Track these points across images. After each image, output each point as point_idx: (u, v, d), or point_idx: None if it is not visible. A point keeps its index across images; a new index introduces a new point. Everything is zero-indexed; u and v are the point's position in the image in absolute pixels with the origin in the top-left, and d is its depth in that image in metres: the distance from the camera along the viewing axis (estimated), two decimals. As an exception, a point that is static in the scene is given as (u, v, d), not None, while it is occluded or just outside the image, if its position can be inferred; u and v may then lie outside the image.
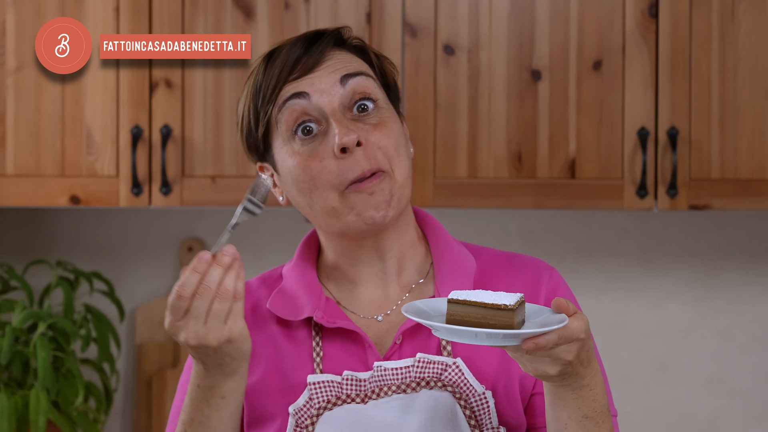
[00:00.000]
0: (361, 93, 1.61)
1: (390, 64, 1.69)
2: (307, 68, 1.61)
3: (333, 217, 1.60)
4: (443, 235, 1.70)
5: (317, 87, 1.60)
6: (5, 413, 2.55)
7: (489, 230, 2.98)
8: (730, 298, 2.95)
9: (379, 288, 1.67)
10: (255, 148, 1.68)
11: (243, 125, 1.67)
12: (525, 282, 1.67)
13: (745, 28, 2.59)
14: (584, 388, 1.48)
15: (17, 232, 3.05)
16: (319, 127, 1.60)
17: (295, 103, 1.60)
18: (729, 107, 2.59)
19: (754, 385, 2.95)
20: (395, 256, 1.66)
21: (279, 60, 1.62)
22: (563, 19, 2.61)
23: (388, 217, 1.59)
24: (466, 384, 1.59)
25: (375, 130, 1.60)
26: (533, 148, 2.61)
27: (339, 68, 1.61)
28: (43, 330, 2.66)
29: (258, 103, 1.63)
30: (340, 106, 1.60)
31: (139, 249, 3.03)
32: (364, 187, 1.58)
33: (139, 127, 2.63)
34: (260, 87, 1.63)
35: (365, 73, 1.63)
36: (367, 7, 2.61)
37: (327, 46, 1.63)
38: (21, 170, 2.66)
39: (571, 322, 1.41)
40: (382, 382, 1.59)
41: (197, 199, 2.64)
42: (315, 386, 1.59)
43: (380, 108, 1.62)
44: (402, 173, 1.60)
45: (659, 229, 2.96)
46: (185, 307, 1.44)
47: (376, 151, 1.58)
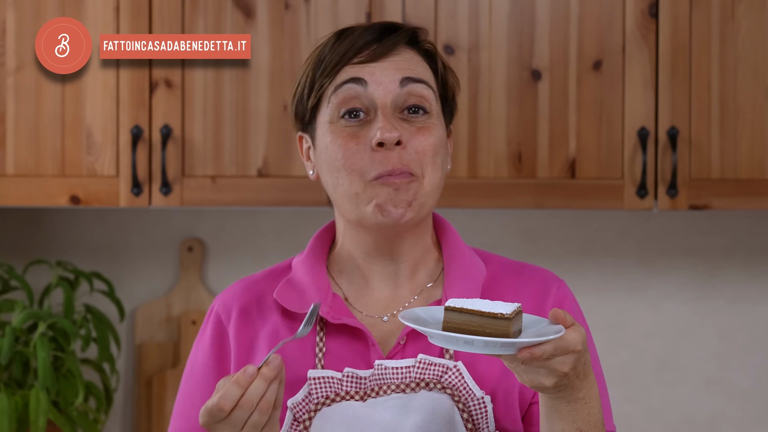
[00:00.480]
0: (417, 99, 1.62)
1: (454, 78, 1.69)
2: (373, 56, 1.62)
3: (354, 203, 1.61)
4: (456, 242, 1.71)
5: (377, 78, 1.61)
6: (5, 413, 2.55)
7: (489, 230, 2.98)
8: (730, 298, 2.95)
9: (389, 288, 1.68)
10: (301, 117, 1.68)
11: (297, 91, 1.68)
12: (533, 292, 1.67)
13: (745, 28, 2.59)
14: (579, 401, 1.48)
15: (17, 232, 3.05)
16: (366, 115, 1.61)
17: (351, 88, 1.61)
18: (729, 107, 2.59)
19: (754, 385, 2.95)
20: (409, 260, 1.67)
21: (348, 39, 1.64)
22: (563, 19, 2.61)
23: (405, 217, 1.60)
24: (465, 388, 1.59)
25: (418, 133, 1.61)
26: (533, 148, 2.61)
27: (403, 68, 1.62)
28: (43, 330, 2.66)
29: (317, 74, 1.64)
30: (392, 103, 1.61)
31: (139, 249, 3.03)
32: (390, 181, 1.59)
33: (139, 127, 2.63)
34: (323, 60, 1.64)
35: (427, 82, 1.63)
36: (367, 7, 2.61)
37: (399, 42, 1.63)
38: (21, 170, 2.66)
39: (567, 334, 1.41)
40: (381, 380, 1.59)
41: (197, 199, 2.64)
42: (315, 381, 1.59)
43: (431, 116, 1.63)
44: (432, 182, 1.61)
45: (659, 229, 2.96)
46: (224, 416, 1.46)
47: (412, 154, 1.60)
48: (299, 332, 1.51)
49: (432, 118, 1.63)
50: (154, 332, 2.99)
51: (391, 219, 1.59)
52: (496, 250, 2.88)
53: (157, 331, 2.99)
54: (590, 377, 1.48)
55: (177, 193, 2.64)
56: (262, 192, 2.63)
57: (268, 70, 2.63)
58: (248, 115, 2.63)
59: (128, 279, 3.03)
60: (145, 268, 3.03)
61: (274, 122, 2.63)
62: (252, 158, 2.63)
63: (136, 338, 2.99)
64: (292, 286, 1.67)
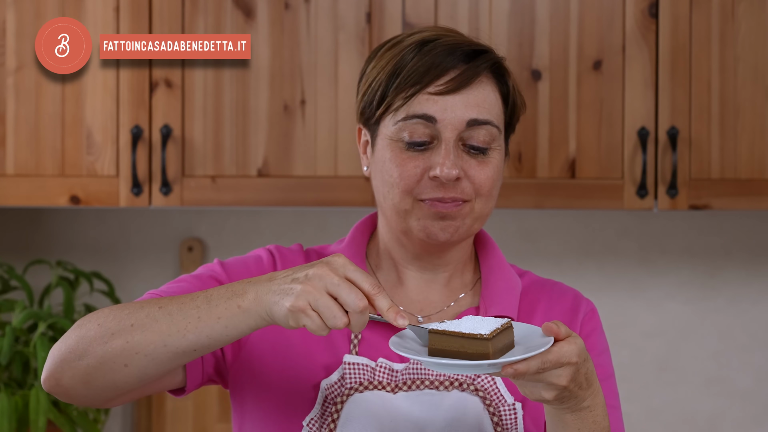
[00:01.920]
0: (481, 142, 1.61)
1: (522, 103, 1.68)
2: (450, 87, 1.59)
3: (402, 218, 1.62)
4: (495, 253, 1.72)
5: (447, 115, 1.59)
6: (5, 413, 2.55)
7: (489, 230, 2.96)
8: (730, 298, 2.95)
9: (423, 293, 1.68)
10: (366, 117, 1.66)
11: (366, 92, 1.65)
12: (563, 308, 1.69)
13: (745, 28, 2.59)
14: (584, 410, 1.47)
15: (17, 232, 3.05)
16: (430, 143, 1.60)
17: (420, 122, 1.59)
18: (729, 107, 2.59)
19: (754, 385, 2.95)
20: (447, 271, 1.68)
21: (429, 58, 1.61)
22: (563, 19, 2.61)
23: (450, 241, 1.61)
24: (496, 393, 1.60)
25: (478, 166, 1.61)
26: (533, 148, 2.61)
27: (472, 104, 1.60)
28: (43, 330, 2.66)
29: (390, 87, 1.61)
30: (457, 137, 1.60)
31: (139, 249, 3.03)
32: (440, 208, 1.59)
33: (139, 127, 2.63)
34: (400, 74, 1.61)
35: (493, 123, 1.61)
36: (367, 7, 2.61)
37: (479, 73, 1.61)
38: (21, 170, 2.66)
39: (560, 347, 1.39)
40: (415, 375, 1.60)
41: (197, 199, 2.64)
42: (350, 366, 1.60)
43: (492, 150, 1.62)
44: (483, 209, 1.62)
45: (659, 229, 2.96)
46: (335, 291, 1.40)
47: (467, 185, 1.60)
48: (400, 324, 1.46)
49: (493, 152, 1.63)
50: (154, 332, 2.99)
51: (436, 241, 1.61)
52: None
53: (157, 331, 2.99)
54: (594, 386, 1.47)
55: (177, 193, 2.64)
56: (262, 192, 2.63)
57: (268, 70, 2.63)
58: (248, 115, 2.63)
59: (128, 279, 3.03)
60: (145, 268, 3.03)
61: (274, 122, 2.63)
62: (252, 158, 2.63)
63: (136, 338, 2.99)
64: None
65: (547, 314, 1.67)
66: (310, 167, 2.61)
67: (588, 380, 1.45)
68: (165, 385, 1.59)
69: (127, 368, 1.47)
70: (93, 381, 1.49)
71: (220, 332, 1.44)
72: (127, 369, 1.47)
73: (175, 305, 1.47)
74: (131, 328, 1.47)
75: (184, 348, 1.45)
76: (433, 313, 1.67)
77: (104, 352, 1.47)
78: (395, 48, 1.63)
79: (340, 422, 1.58)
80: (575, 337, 1.41)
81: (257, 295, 1.43)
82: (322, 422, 1.58)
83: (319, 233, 2.96)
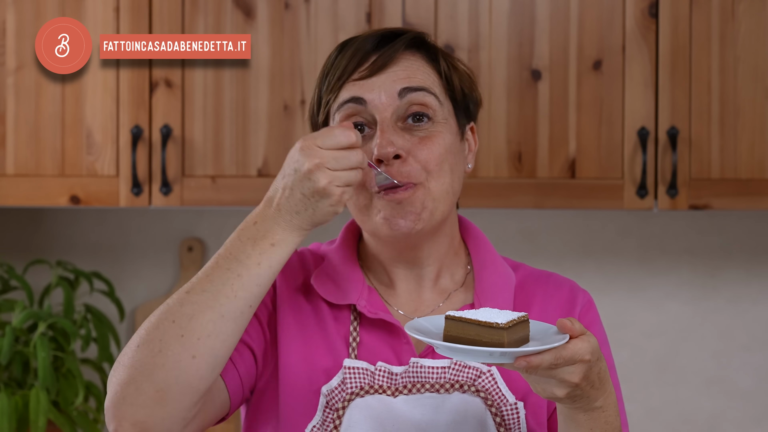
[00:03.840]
0: (418, 107, 1.61)
1: (462, 77, 1.67)
2: (372, 70, 1.61)
3: (365, 215, 1.61)
4: (486, 247, 1.71)
5: (375, 95, 1.60)
6: (5, 413, 2.55)
7: (489, 230, 2.98)
8: (730, 298, 2.95)
9: (415, 291, 1.68)
10: (315, 130, 1.68)
11: (310, 106, 1.69)
12: (560, 300, 1.68)
13: (745, 28, 2.59)
14: (596, 410, 1.46)
15: (17, 232, 3.05)
16: (369, 130, 1.61)
17: (351, 107, 1.61)
18: (729, 107, 2.59)
19: (754, 385, 2.95)
20: (433, 264, 1.67)
21: (350, 52, 1.63)
22: (563, 19, 2.61)
23: (415, 229, 1.59)
24: (498, 393, 1.59)
25: (420, 143, 1.60)
26: (533, 148, 2.61)
27: (401, 78, 1.61)
28: (43, 330, 2.66)
29: (322, 90, 1.65)
30: (392, 116, 1.60)
31: (139, 249, 3.03)
32: (393, 196, 1.58)
33: (139, 127, 2.63)
34: (327, 75, 1.65)
35: (426, 89, 1.62)
36: (367, 7, 2.61)
37: (397, 50, 1.63)
38: (21, 170, 2.66)
39: (574, 344, 1.39)
40: (415, 378, 1.60)
41: (197, 199, 2.64)
42: (350, 371, 1.59)
43: (436, 122, 1.62)
44: (439, 188, 1.60)
45: (659, 229, 2.96)
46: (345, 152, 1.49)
47: (414, 165, 1.59)
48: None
49: (436, 126, 1.62)
50: (154, 332, 2.99)
51: (401, 231, 1.59)
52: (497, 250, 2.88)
53: (157, 331, 2.99)
54: (607, 386, 1.46)
55: (177, 193, 2.64)
56: (262, 192, 2.61)
57: (268, 70, 2.63)
58: (248, 115, 2.63)
59: (128, 279, 3.03)
60: (145, 268, 3.03)
61: (274, 122, 2.63)
62: (252, 158, 2.63)
63: (136, 338, 2.99)
64: (328, 276, 1.67)
65: (544, 308, 1.66)
66: (310, 167, 2.61)
67: (601, 379, 1.44)
68: (215, 413, 1.58)
69: (196, 359, 1.46)
70: (167, 394, 1.46)
71: (266, 274, 1.48)
72: (196, 360, 1.46)
73: (203, 282, 1.48)
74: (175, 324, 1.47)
75: (241, 308, 1.47)
76: (427, 313, 1.66)
77: (166, 359, 1.46)
78: (326, 61, 1.68)
79: (342, 428, 1.58)
80: (589, 335, 1.41)
81: (284, 225, 1.50)
82: (324, 429, 1.58)
83: (319, 233, 2.96)
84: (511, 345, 1.39)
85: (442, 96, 1.64)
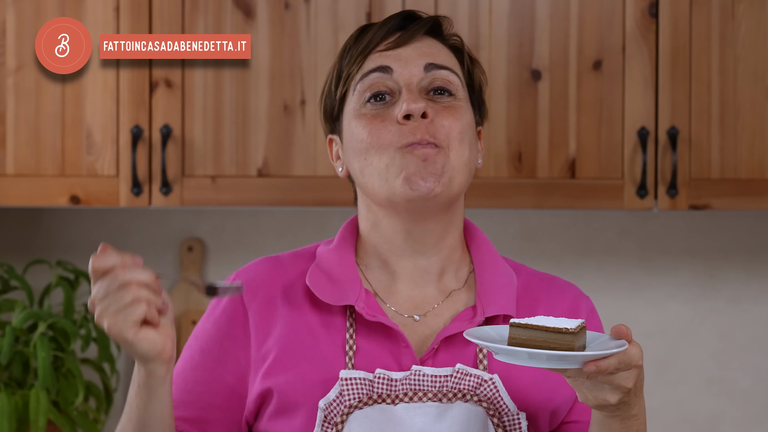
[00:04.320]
0: (442, 82, 1.61)
1: (481, 72, 1.68)
2: (398, 43, 1.62)
3: (383, 178, 1.59)
4: (488, 248, 1.70)
5: (402, 63, 1.61)
6: (5, 413, 2.55)
7: (489, 230, 2.98)
8: (730, 298, 2.95)
9: (418, 286, 1.65)
10: (330, 112, 1.67)
11: (325, 88, 1.68)
12: (564, 305, 1.68)
13: (745, 28, 2.59)
14: (632, 419, 1.47)
15: (17, 232, 3.05)
16: (391, 98, 1.60)
17: (377, 76, 1.61)
18: (729, 107, 2.59)
19: (754, 385, 2.95)
20: (438, 254, 1.65)
21: (372, 30, 1.64)
22: (563, 19, 2.61)
23: (434, 191, 1.57)
24: (500, 402, 1.58)
25: (444, 111, 1.60)
26: (533, 148, 2.61)
27: (428, 53, 1.62)
28: (43, 330, 2.66)
29: (343, 64, 1.64)
30: (417, 84, 1.60)
31: (139, 249, 3.03)
32: (418, 149, 1.57)
33: (139, 127, 2.63)
34: (349, 50, 1.65)
35: (453, 69, 1.63)
36: (367, 7, 2.61)
37: (422, 29, 1.64)
38: (21, 170, 2.66)
39: (630, 348, 1.39)
40: (417, 386, 1.57)
41: (197, 199, 2.64)
42: (347, 382, 1.56)
43: (457, 99, 1.62)
44: (459, 159, 1.59)
45: (659, 229, 2.96)
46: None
47: (439, 128, 1.58)
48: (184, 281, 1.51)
49: (459, 101, 1.62)
50: (154, 332, 2.99)
51: (420, 192, 1.57)
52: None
53: (157, 331, 2.98)
54: (642, 394, 1.47)
55: (177, 193, 2.64)
56: (262, 192, 2.63)
57: (268, 70, 2.63)
58: (248, 115, 2.63)
59: (128, 279, 3.02)
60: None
61: (274, 122, 2.63)
62: (252, 158, 2.63)
63: (136, 338, 2.99)
64: (324, 274, 1.64)
65: (548, 312, 1.65)
66: (310, 167, 2.61)
67: (641, 387, 1.45)
68: None
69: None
70: None
71: (151, 406, 1.48)
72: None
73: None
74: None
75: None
76: (429, 311, 1.64)
77: None
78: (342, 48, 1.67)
79: None
80: (636, 342, 1.42)
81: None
82: None
83: (319, 233, 2.96)
84: (579, 350, 1.39)
85: (462, 78, 1.65)
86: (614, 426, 1.47)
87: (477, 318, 1.60)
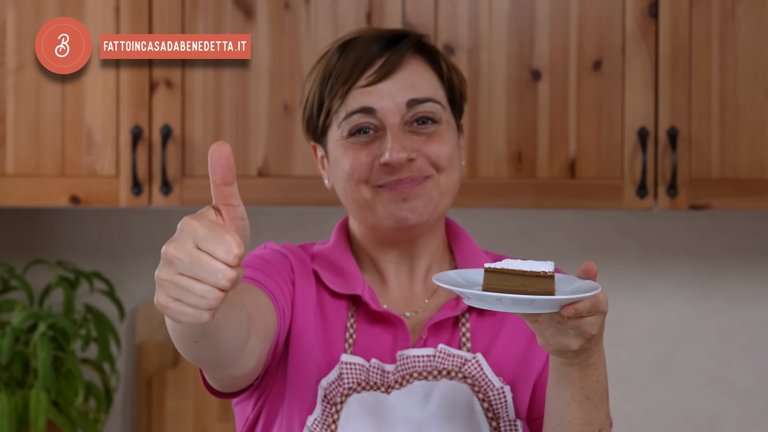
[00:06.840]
0: (425, 113, 1.65)
1: (458, 76, 1.71)
2: (379, 76, 1.64)
3: (366, 209, 1.64)
4: (470, 243, 1.75)
5: (384, 103, 1.63)
6: (5, 413, 2.55)
7: (489, 230, 2.98)
8: (730, 298, 2.95)
9: (406, 286, 1.71)
10: (313, 131, 1.70)
11: (306, 106, 1.70)
12: None
13: (745, 28, 2.59)
14: (591, 367, 1.48)
15: (17, 232, 3.05)
16: (375, 132, 1.64)
17: (361, 116, 1.63)
18: (729, 107, 2.59)
19: (754, 385, 2.95)
20: (426, 257, 1.71)
21: (353, 54, 1.65)
22: (563, 19, 2.61)
23: (421, 221, 1.63)
24: (484, 378, 1.62)
25: (428, 140, 1.64)
26: (533, 148, 2.61)
27: (407, 86, 1.64)
28: (43, 330, 2.66)
29: (325, 92, 1.66)
30: (401, 121, 1.64)
31: (139, 249, 3.03)
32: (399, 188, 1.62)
33: (139, 127, 2.63)
34: (330, 77, 1.66)
35: (433, 99, 1.66)
36: (367, 7, 2.61)
37: (403, 55, 1.65)
38: (21, 170, 2.66)
39: (600, 293, 1.39)
40: (405, 370, 1.62)
41: (197, 199, 2.64)
42: (346, 366, 1.62)
43: (441, 124, 1.66)
44: (448, 183, 1.65)
45: (659, 229, 2.96)
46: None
47: (422, 160, 1.63)
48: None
49: (442, 125, 1.66)
50: (154, 332, 2.99)
51: (408, 224, 1.63)
52: (496, 250, 2.88)
53: (157, 331, 2.99)
54: (601, 343, 1.48)
55: (177, 193, 2.64)
56: (262, 192, 2.63)
57: (268, 70, 2.63)
58: (248, 115, 2.63)
59: (128, 279, 3.03)
60: (145, 268, 3.03)
61: (274, 122, 2.63)
62: (252, 158, 2.63)
63: (136, 338, 2.99)
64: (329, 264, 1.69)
65: None
66: (310, 167, 2.61)
67: (601, 335, 1.46)
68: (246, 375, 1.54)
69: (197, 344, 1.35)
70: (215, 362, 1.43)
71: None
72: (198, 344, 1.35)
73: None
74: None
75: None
76: (418, 309, 1.69)
77: (199, 351, 1.37)
78: (323, 58, 1.68)
79: (340, 422, 1.60)
80: (601, 289, 1.41)
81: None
82: (324, 422, 1.60)
83: (319, 233, 2.96)
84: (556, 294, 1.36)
85: (444, 101, 1.68)
86: (573, 374, 1.48)
87: (460, 306, 1.66)
